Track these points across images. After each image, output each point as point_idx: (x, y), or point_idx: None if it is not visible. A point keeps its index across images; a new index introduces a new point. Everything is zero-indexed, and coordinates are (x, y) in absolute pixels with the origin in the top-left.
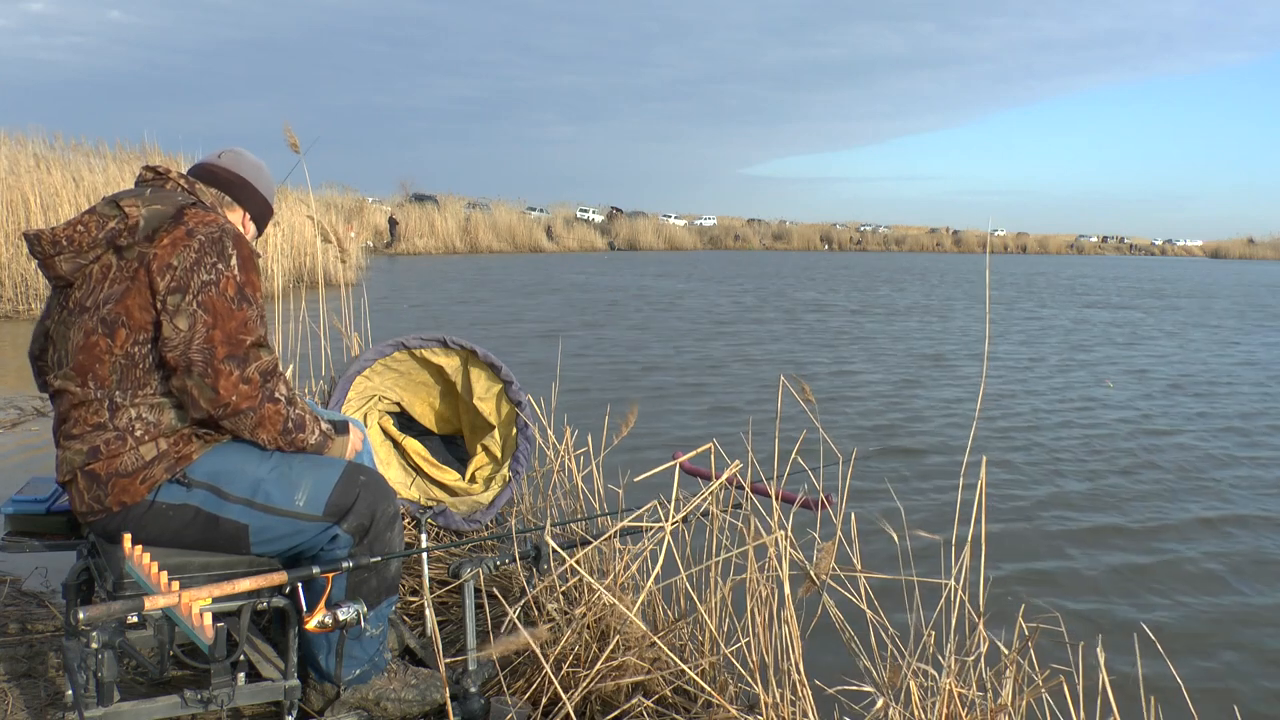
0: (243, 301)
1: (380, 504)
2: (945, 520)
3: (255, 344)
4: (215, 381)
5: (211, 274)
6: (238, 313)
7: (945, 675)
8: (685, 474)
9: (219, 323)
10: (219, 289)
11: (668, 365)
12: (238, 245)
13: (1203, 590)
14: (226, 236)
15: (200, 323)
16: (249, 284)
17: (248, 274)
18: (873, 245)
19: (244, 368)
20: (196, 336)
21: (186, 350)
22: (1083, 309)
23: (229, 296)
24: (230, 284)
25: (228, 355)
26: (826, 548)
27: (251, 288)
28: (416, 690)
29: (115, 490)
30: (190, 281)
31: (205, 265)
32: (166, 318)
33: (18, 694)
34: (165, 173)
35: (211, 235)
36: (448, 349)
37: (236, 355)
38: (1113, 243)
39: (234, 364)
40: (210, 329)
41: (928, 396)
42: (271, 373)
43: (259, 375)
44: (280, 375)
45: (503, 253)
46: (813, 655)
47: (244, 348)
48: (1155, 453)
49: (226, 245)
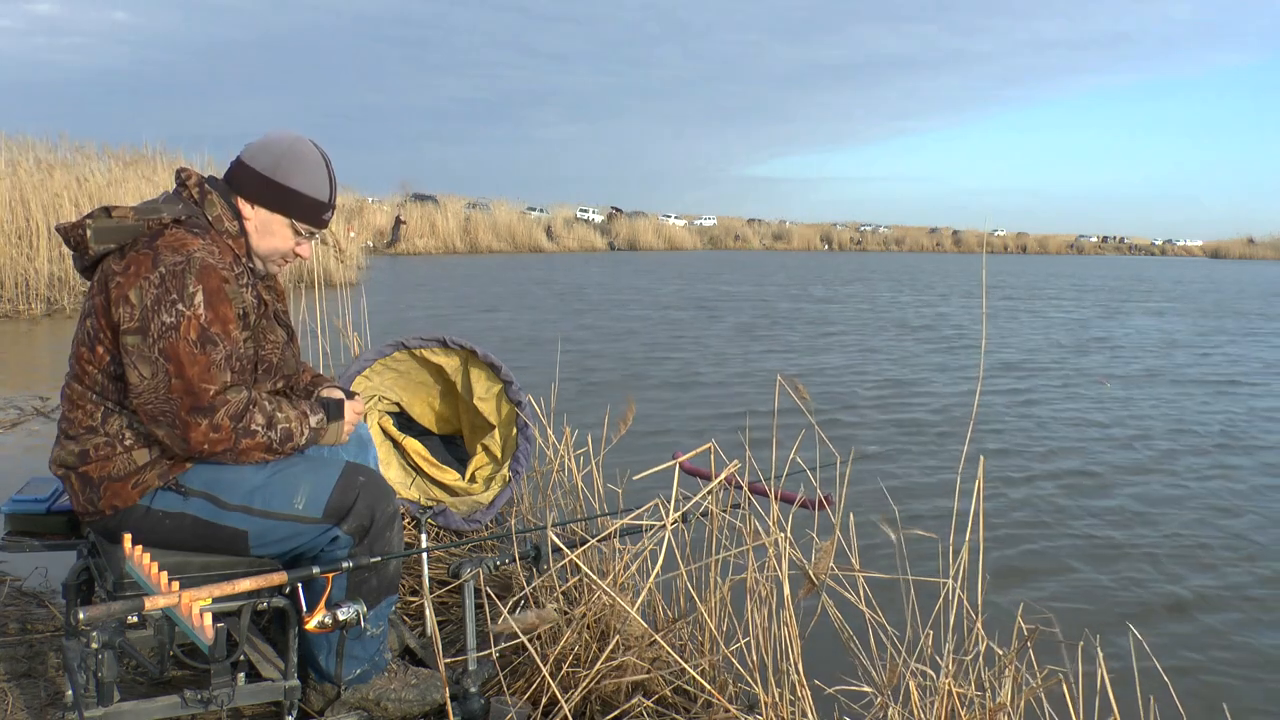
0: (206, 345)
1: (380, 504)
2: (944, 520)
3: (220, 390)
4: (185, 433)
5: (172, 315)
6: (200, 358)
7: (943, 675)
8: (685, 474)
9: (180, 371)
10: (179, 333)
11: (668, 365)
12: (203, 278)
13: (1202, 589)
14: (190, 270)
15: (162, 371)
16: (215, 321)
17: (214, 309)
18: (873, 245)
19: (212, 416)
20: (160, 386)
21: (153, 400)
22: (1081, 308)
23: (191, 341)
24: (192, 326)
25: (192, 408)
26: (825, 547)
27: (220, 324)
28: (416, 690)
29: (107, 494)
30: (150, 324)
31: (165, 305)
32: (129, 361)
33: (18, 694)
34: (185, 179)
35: (174, 268)
36: (447, 349)
37: (201, 406)
38: (1112, 243)
39: (200, 415)
40: (172, 378)
41: (927, 396)
42: (243, 413)
43: (229, 420)
44: (253, 407)
45: (503, 253)
46: (812, 655)
47: (208, 397)
48: (1156, 452)
49: (188, 281)
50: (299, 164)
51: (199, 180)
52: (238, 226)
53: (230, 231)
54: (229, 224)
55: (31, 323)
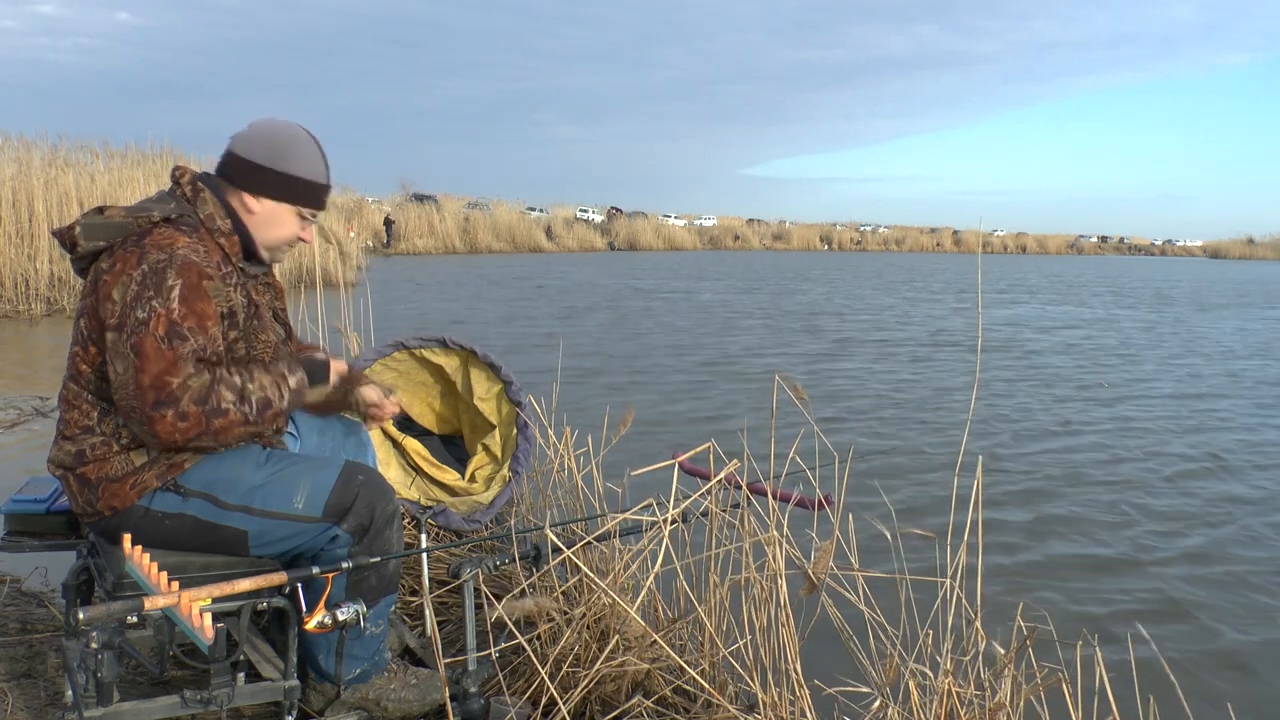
0: (174, 339)
1: (379, 502)
2: (942, 519)
3: (184, 381)
4: (152, 428)
5: (145, 311)
6: (167, 353)
7: (942, 674)
8: (685, 474)
9: (145, 365)
10: (149, 329)
11: (668, 365)
12: (183, 273)
13: (1200, 587)
14: (171, 266)
15: (131, 366)
16: (190, 316)
17: (190, 305)
18: (873, 245)
19: (176, 405)
20: (130, 382)
21: (125, 396)
22: (1076, 308)
23: (158, 337)
24: (161, 322)
25: (156, 401)
26: (825, 547)
27: (195, 319)
28: (416, 690)
29: (105, 495)
30: (127, 320)
31: (142, 301)
32: (108, 357)
33: (18, 694)
34: (179, 177)
35: (156, 265)
36: (447, 349)
37: (163, 399)
38: (1112, 243)
39: (165, 407)
40: (139, 373)
41: (927, 396)
42: (207, 394)
43: (194, 405)
44: (218, 385)
45: (502, 253)
46: (811, 654)
47: (170, 390)
48: (1153, 449)
49: (167, 277)
50: (295, 149)
51: (192, 178)
52: (230, 224)
53: (222, 230)
54: (221, 222)
55: (31, 323)
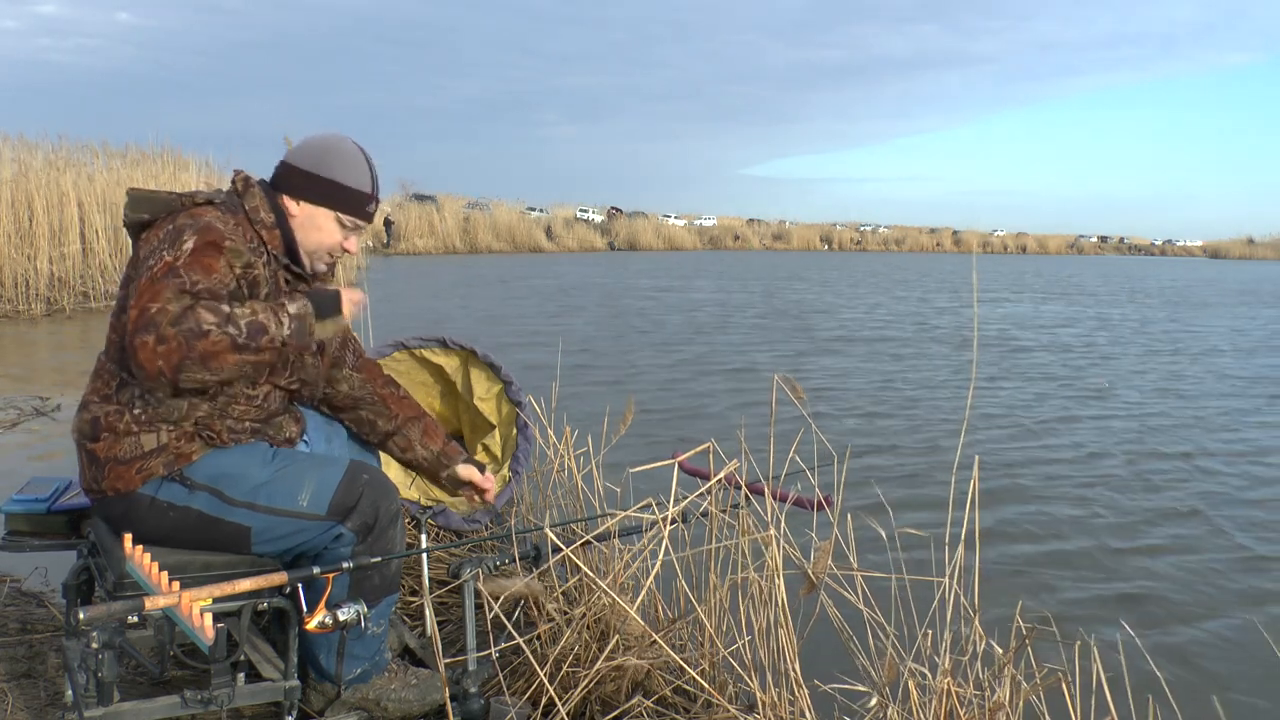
0: (169, 277)
1: (383, 502)
2: (940, 518)
3: (163, 306)
4: (136, 358)
5: (154, 259)
6: (159, 285)
7: (941, 674)
8: (685, 474)
9: (138, 301)
10: (151, 272)
11: (668, 365)
12: (201, 234)
13: (1200, 587)
14: (191, 228)
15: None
16: (195, 265)
17: (199, 257)
18: (873, 245)
19: (158, 329)
20: (126, 323)
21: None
22: (1072, 307)
23: (155, 276)
24: (164, 266)
25: (135, 329)
26: (824, 547)
27: (199, 269)
28: (416, 690)
29: (110, 475)
30: (139, 271)
31: (155, 254)
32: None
33: (18, 694)
34: (236, 178)
35: (179, 226)
36: (447, 349)
37: (142, 325)
38: (1112, 243)
39: (146, 333)
40: (131, 310)
41: (927, 396)
42: (184, 316)
43: (172, 327)
44: (197, 307)
45: (502, 253)
46: (810, 654)
47: (149, 316)
48: (1153, 448)
49: (184, 234)
50: (340, 158)
51: (246, 177)
52: (273, 219)
53: (265, 223)
54: (265, 215)
55: (31, 323)
